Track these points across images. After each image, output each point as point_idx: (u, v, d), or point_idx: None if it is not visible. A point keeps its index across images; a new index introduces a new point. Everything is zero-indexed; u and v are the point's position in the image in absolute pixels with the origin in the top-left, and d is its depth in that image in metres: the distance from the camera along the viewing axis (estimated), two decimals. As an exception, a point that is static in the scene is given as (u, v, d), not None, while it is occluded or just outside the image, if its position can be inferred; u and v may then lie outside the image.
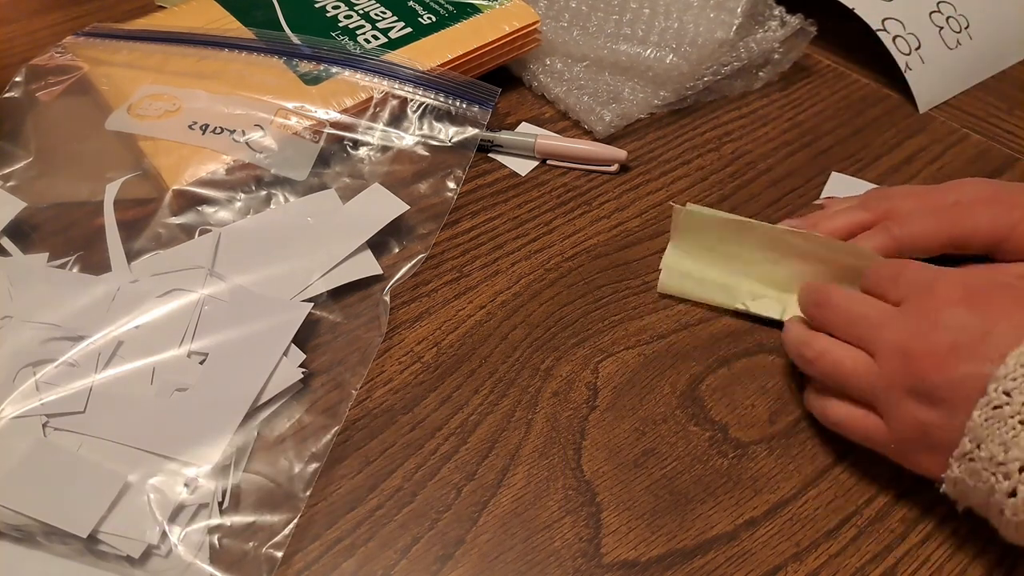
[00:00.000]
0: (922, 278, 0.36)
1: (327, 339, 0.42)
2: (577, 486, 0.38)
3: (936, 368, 0.33)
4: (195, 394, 0.38)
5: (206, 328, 0.40)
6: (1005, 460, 0.31)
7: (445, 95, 0.50)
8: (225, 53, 0.52)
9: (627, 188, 0.52)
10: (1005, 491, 0.32)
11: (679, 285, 0.46)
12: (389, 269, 0.44)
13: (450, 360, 0.42)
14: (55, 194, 0.47)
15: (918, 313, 0.35)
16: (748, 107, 0.58)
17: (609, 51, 0.56)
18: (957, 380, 0.33)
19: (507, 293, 0.45)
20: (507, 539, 0.36)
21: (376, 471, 0.38)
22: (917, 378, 0.34)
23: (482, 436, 0.39)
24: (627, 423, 0.40)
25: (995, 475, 0.32)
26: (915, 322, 0.35)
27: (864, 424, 0.37)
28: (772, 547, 0.36)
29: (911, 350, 0.34)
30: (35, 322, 0.39)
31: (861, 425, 0.37)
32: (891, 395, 0.35)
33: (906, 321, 0.35)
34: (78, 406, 0.37)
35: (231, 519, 0.35)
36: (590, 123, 0.55)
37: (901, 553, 0.36)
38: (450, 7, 0.56)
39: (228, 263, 0.43)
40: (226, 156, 0.47)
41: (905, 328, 0.35)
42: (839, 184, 0.52)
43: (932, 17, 0.61)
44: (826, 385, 0.38)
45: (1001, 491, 0.32)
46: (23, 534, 0.34)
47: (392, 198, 0.46)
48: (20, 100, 0.50)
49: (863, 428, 0.37)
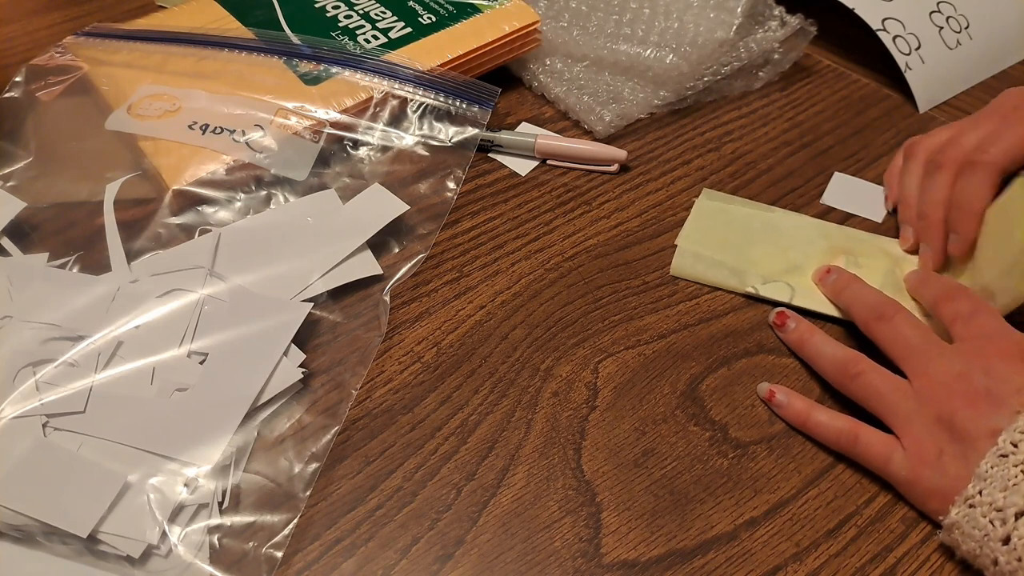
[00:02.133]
0: (990, 328, 0.38)
1: (327, 339, 0.42)
2: (577, 486, 0.38)
3: (967, 407, 0.36)
4: (195, 394, 0.38)
5: (206, 328, 0.40)
6: (1003, 506, 0.33)
7: (445, 95, 0.50)
8: (225, 53, 0.52)
9: (627, 188, 0.52)
10: (999, 537, 0.32)
11: (691, 267, 0.46)
12: (389, 269, 0.44)
13: (450, 360, 0.42)
14: (55, 194, 0.47)
15: (972, 356, 0.37)
16: (748, 107, 0.58)
17: (609, 51, 0.56)
18: (981, 423, 0.35)
19: (507, 293, 0.45)
20: (507, 539, 0.36)
21: (376, 471, 0.38)
22: (949, 410, 0.36)
23: (482, 436, 0.39)
24: (627, 423, 0.40)
25: (992, 522, 0.33)
26: (965, 363, 0.37)
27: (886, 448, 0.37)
28: (772, 547, 0.36)
29: (952, 387, 0.36)
30: (35, 322, 0.39)
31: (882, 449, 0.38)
32: (919, 419, 0.37)
33: (958, 360, 0.37)
34: (78, 406, 0.37)
35: (231, 519, 0.35)
36: (590, 123, 0.55)
37: (901, 553, 0.36)
38: (450, 7, 0.56)
39: (228, 263, 0.43)
40: (226, 156, 0.47)
41: (954, 367, 0.37)
42: (841, 184, 0.52)
43: (932, 17, 0.61)
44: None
45: (995, 538, 0.32)
46: (23, 534, 0.34)
47: (392, 198, 0.46)
48: (20, 100, 0.50)
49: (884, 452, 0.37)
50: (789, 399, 0.40)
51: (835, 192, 0.52)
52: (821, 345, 0.42)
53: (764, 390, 0.41)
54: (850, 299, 0.43)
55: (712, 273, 0.46)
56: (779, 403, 0.40)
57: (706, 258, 0.47)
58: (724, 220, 0.49)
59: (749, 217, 0.49)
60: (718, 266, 0.46)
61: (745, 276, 0.46)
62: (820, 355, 0.41)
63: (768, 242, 0.47)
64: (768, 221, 0.48)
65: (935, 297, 0.42)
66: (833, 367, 0.40)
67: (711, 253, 0.47)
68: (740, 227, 0.48)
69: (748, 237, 0.48)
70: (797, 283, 0.45)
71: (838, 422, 0.39)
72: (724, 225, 0.48)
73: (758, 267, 0.46)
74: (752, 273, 0.46)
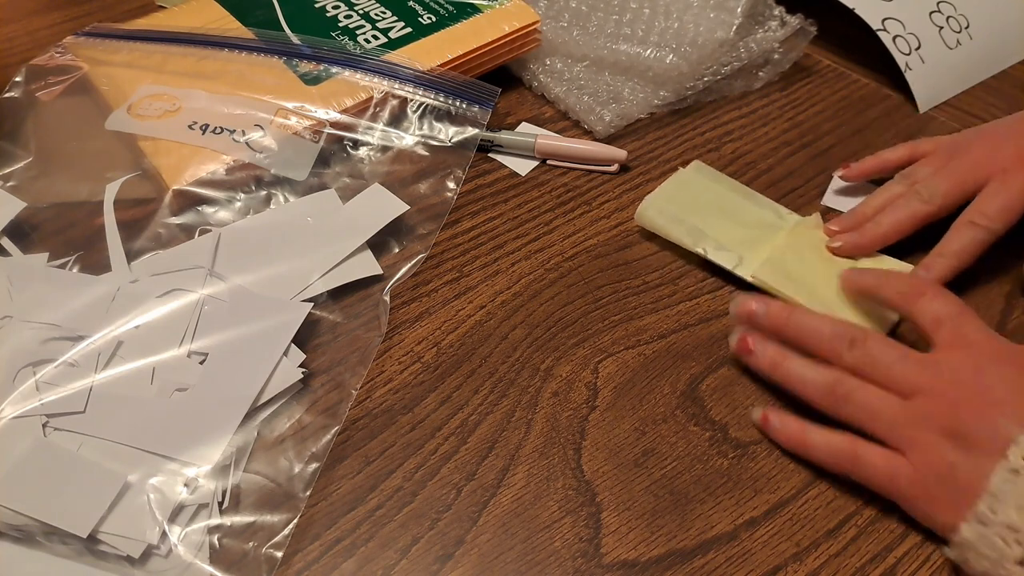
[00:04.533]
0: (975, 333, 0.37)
1: (327, 339, 0.42)
2: (577, 486, 0.38)
3: (974, 417, 0.34)
4: (195, 394, 0.38)
5: (206, 328, 0.40)
6: (1019, 526, 0.31)
7: (445, 95, 0.50)
8: (225, 53, 0.52)
9: (627, 188, 0.52)
10: (1015, 558, 0.31)
11: (653, 219, 0.48)
12: (389, 269, 0.44)
13: (450, 360, 0.42)
14: (55, 194, 0.47)
15: (960, 362, 0.36)
16: (748, 107, 0.58)
17: (609, 51, 0.56)
18: (993, 430, 0.34)
19: (507, 293, 0.45)
20: (507, 539, 0.36)
21: (376, 471, 0.38)
22: (957, 420, 0.35)
23: (482, 436, 0.39)
24: (627, 423, 0.40)
25: (1006, 541, 0.32)
26: (955, 370, 0.36)
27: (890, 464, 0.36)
28: (772, 547, 0.36)
29: (953, 398, 0.35)
30: (35, 322, 0.39)
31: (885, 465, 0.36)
32: (923, 433, 0.35)
33: (951, 370, 0.36)
34: (78, 406, 0.37)
35: (231, 519, 0.35)
36: (590, 123, 0.55)
37: (901, 553, 0.36)
38: (450, 7, 0.56)
39: (228, 263, 0.43)
40: (226, 156, 0.47)
41: (943, 375, 0.36)
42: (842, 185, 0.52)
43: (932, 17, 0.61)
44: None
45: (1010, 558, 0.31)
46: (23, 534, 0.34)
47: (392, 198, 0.46)
48: (20, 100, 0.50)
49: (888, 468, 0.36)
50: (783, 422, 0.39)
51: (835, 193, 0.52)
52: (799, 369, 0.39)
53: (757, 416, 0.40)
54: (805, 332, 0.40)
55: (671, 228, 0.47)
56: (773, 427, 0.39)
57: (669, 213, 0.48)
58: (701, 189, 0.50)
59: (726, 193, 0.50)
60: (678, 223, 0.47)
61: (700, 238, 0.47)
62: (800, 380, 0.39)
63: (733, 217, 0.48)
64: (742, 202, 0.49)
65: (902, 294, 0.40)
66: (817, 391, 0.38)
67: (675, 210, 0.48)
68: (713, 198, 0.49)
69: (718, 208, 0.49)
70: (748, 255, 0.46)
71: (834, 442, 0.37)
72: (699, 194, 0.49)
73: (717, 233, 0.47)
74: (709, 237, 0.47)
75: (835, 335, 0.39)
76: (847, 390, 0.37)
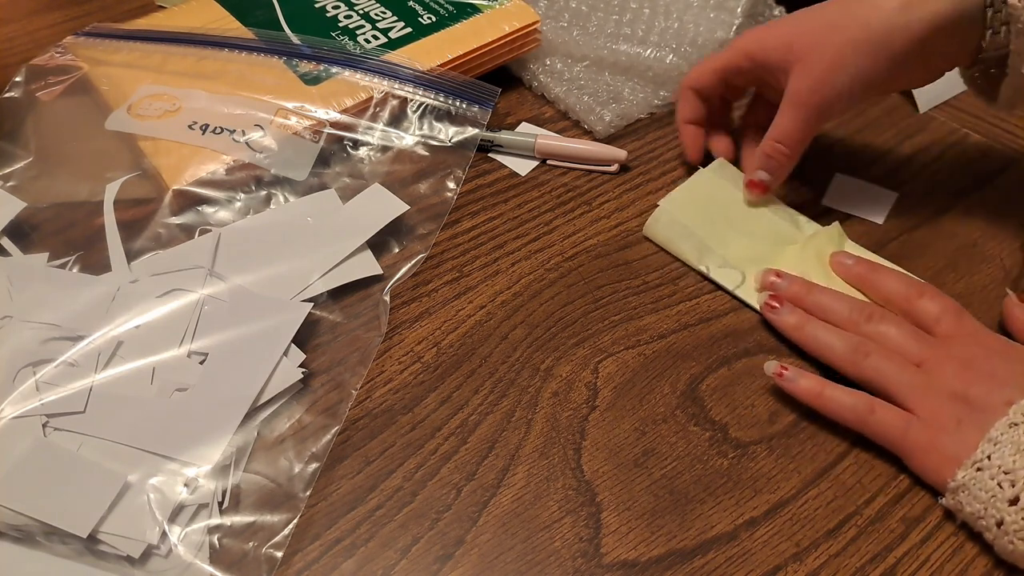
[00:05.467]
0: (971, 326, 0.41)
1: (327, 339, 0.42)
2: (577, 486, 0.38)
3: (979, 383, 0.38)
4: (195, 394, 0.38)
5: (206, 328, 0.40)
6: (1012, 468, 0.34)
7: (445, 95, 0.50)
8: (225, 53, 0.52)
9: (627, 188, 0.52)
10: (1007, 498, 0.33)
11: (662, 231, 0.47)
12: (389, 269, 0.44)
13: (450, 360, 0.42)
14: (55, 194, 0.47)
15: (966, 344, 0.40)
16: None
17: (609, 51, 0.56)
18: (996, 395, 0.37)
19: (507, 293, 0.45)
20: (507, 539, 0.36)
21: (376, 471, 0.38)
22: (962, 386, 0.38)
23: (482, 436, 0.39)
24: (627, 423, 0.40)
25: (1000, 484, 0.34)
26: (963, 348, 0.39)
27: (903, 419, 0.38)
28: (772, 547, 0.36)
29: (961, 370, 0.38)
30: (35, 322, 0.39)
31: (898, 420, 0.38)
32: (934, 393, 0.38)
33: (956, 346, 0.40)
34: (78, 406, 0.37)
35: (231, 519, 0.35)
36: (590, 123, 0.55)
37: (901, 553, 0.36)
38: (450, 7, 0.56)
39: (228, 263, 0.43)
40: (226, 156, 0.47)
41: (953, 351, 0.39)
42: (842, 185, 0.52)
43: (932, 17, 0.60)
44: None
45: (1003, 499, 0.34)
46: (23, 534, 0.34)
47: (392, 198, 0.46)
48: (20, 100, 0.50)
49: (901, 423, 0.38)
50: (799, 376, 0.40)
51: (836, 193, 0.52)
52: (822, 331, 0.42)
53: (773, 367, 0.41)
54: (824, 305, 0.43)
55: (678, 243, 0.47)
56: (789, 380, 0.40)
57: (680, 226, 0.47)
58: (717, 194, 0.49)
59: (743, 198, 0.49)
60: (687, 238, 0.47)
61: (706, 255, 0.47)
62: (824, 341, 0.41)
63: (745, 227, 0.48)
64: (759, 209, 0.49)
65: (899, 295, 0.43)
66: (839, 352, 0.41)
67: (687, 222, 0.48)
68: (728, 205, 0.49)
69: (730, 218, 0.48)
70: (753, 274, 0.46)
71: (852, 396, 0.39)
72: (714, 200, 0.49)
73: (725, 249, 0.47)
74: (716, 254, 0.47)
75: (854, 308, 0.42)
76: (868, 351, 0.40)
